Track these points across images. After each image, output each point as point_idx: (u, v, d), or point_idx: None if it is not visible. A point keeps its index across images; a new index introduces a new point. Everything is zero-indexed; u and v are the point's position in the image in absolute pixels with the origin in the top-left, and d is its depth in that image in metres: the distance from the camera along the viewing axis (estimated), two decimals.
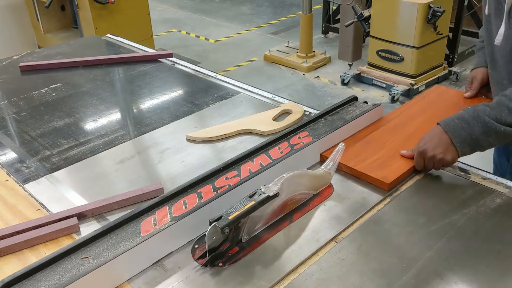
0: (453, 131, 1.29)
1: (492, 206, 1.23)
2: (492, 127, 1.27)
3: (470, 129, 1.28)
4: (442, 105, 1.69)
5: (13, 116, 1.84)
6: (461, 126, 1.29)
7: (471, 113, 1.30)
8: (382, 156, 1.43)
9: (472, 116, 1.29)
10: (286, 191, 1.19)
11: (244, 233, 1.14)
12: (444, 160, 1.30)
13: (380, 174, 1.34)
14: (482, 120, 1.27)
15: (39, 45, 5.03)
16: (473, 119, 1.28)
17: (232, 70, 5.33)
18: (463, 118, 1.30)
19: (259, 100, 1.91)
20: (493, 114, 1.28)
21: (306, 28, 5.16)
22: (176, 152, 1.57)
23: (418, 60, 4.43)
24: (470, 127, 1.28)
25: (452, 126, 1.30)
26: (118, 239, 1.10)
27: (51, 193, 1.39)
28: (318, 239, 1.16)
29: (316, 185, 1.31)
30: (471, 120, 1.28)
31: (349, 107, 1.65)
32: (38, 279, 1.01)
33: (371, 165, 1.39)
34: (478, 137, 1.28)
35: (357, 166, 1.39)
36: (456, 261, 1.07)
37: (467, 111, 1.31)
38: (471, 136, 1.28)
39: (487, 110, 1.29)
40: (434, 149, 1.31)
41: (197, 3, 7.71)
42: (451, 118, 1.32)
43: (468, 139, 1.28)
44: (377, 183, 1.33)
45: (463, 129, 1.28)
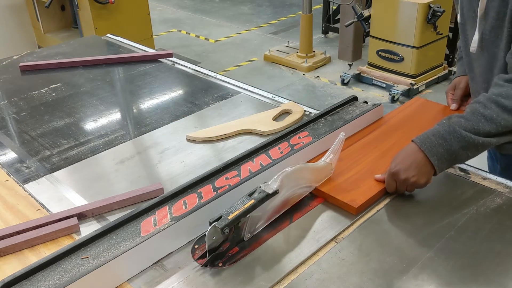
0: (429, 148, 1.22)
1: (492, 206, 1.23)
2: (470, 140, 1.20)
3: (447, 145, 1.21)
4: (421, 119, 1.60)
5: (13, 116, 1.84)
6: (438, 143, 1.21)
7: (447, 127, 1.22)
8: (354, 175, 1.34)
9: (447, 131, 1.22)
10: (286, 187, 1.19)
11: (246, 231, 1.14)
12: (417, 184, 1.23)
13: (348, 197, 1.25)
14: (458, 135, 1.20)
15: (39, 45, 5.03)
16: (449, 134, 1.21)
17: (232, 70, 5.33)
18: (439, 133, 1.22)
19: (259, 100, 1.91)
20: (469, 125, 1.21)
21: (306, 28, 5.16)
22: (176, 152, 1.57)
23: (418, 60, 4.43)
24: (447, 143, 1.21)
25: (428, 143, 1.22)
26: (118, 239, 1.10)
27: (51, 193, 1.39)
28: (318, 239, 1.16)
29: (318, 177, 1.31)
30: (447, 136, 1.21)
31: (349, 107, 1.66)
32: (38, 279, 1.01)
33: (340, 186, 1.30)
34: (456, 152, 1.21)
35: (323, 187, 1.29)
36: (456, 261, 1.07)
37: (442, 126, 1.24)
38: (449, 152, 1.21)
39: (462, 122, 1.22)
40: (406, 171, 1.22)
41: (197, 3, 7.71)
42: (426, 135, 1.24)
43: (446, 155, 1.21)
44: (344, 207, 1.24)
45: (440, 145, 1.21)
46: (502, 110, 1.21)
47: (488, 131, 1.21)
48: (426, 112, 1.65)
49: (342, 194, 1.26)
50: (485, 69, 1.41)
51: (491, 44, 1.36)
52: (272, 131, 1.62)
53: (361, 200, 1.23)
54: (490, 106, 1.22)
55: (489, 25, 1.34)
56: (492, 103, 1.22)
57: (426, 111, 1.66)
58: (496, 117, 1.21)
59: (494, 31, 1.33)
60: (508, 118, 1.20)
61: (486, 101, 1.24)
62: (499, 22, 1.30)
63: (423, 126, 1.45)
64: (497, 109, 1.21)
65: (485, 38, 1.36)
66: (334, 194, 1.27)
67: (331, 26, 5.86)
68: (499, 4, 1.28)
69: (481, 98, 1.26)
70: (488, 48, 1.37)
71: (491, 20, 1.32)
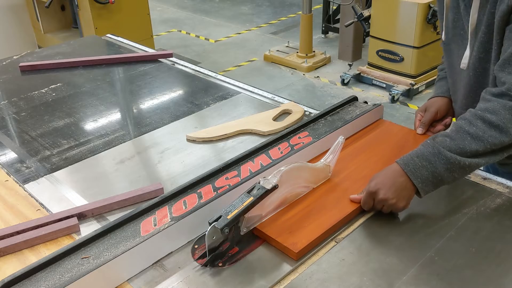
0: (412, 171, 1.16)
1: (492, 206, 1.23)
2: (455, 162, 1.13)
3: (432, 167, 1.14)
4: (383, 144, 1.47)
5: (13, 116, 1.84)
6: (422, 165, 1.15)
7: (431, 149, 1.16)
8: (300, 212, 1.21)
9: (432, 153, 1.15)
10: (285, 183, 1.20)
11: (243, 226, 1.14)
12: (395, 206, 1.17)
13: (289, 240, 1.12)
14: (443, 157, 1.14)
15: (39, 45, 5.03)
16: (433, 156, 1.15)
17: (232, 70, 5.33)
18: (423, 155, 1.16)
19: (259, 100, 1.91)
20: (454, 146, 1.14)
21: (306, 28, 5.16)
22: (176, 152, 1.57)
23: (418, 60, 4.43)
24: (432, 165, 1.14)
25: (412, 165, 1.16)
26: (118, 239, 1.10)
27: (51, 193, 1.39)
28: None
29: (316, 178, 1.31)
30: (431, 158, 1.15)
31: (349, 107, 1.66)
32: (38, 279, 1.01)
33: (283, 224, 1.17)
34: (442, 174, 1.15)
35: (264, 227, 1.16)
36: (456, 261, 1.07)
37: (426, 147, 1.17)
38: (433, 174, 1.15)
39: (447, 142, 1.15)
40: (386, 193, 1.16)
41: (197, 3, 7.71)
42: (410, 157, 1.18)
43: (431, 177, 1.15)
44: (285, 250, 1.11)
45: (424, 168, 1.15)
46: (488, 126, 1.13)
47: (475, 150, 1.13)
48: (391, 135, 1.52)
49: (283, 236, 1.13)
50: (475, 87, 1.34)
51: (480, 60, 1.29)
52: (272, 131, 1.62)
53: (303, 243, 1.10)
54: (475, 123, 1.15)
55: (478, 41, 1.28)
56: (478, 119, 1.15)
57: (391, 134, 1.53)
58: (482, 134, 1.13)
59: (483, 46, 1.27)
60: (495, 135, 1.13)
61: (472, 117, 1.17)
62: (488, 35, 1.24)
63: (384, 153, 1.41)
64: (484, 125, 1.14)
65: (473, 54, 1.31)
66: (275, 235, 1.14)
67: (331, 26, 5.86)
68: (488, 17, 1.23)
69: (467, 115, 1.19)
70: (477, 65, 1.31)
71: (480, 34, 1.26)
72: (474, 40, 1.30)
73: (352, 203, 1.23)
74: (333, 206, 1.23)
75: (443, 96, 1.53)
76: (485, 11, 1.24)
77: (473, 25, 1.28)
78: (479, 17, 1.26)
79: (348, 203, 1.23)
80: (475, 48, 1.30)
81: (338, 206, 1.22)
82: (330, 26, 5.89)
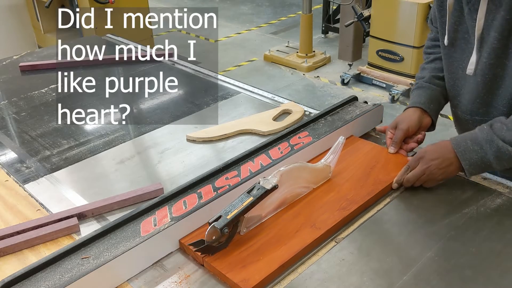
0: (463, 152, 1.22)
1: (492, 206, 1.23)
2: (506, 152, 1.18)
3: (482, 152, 1.20)
4: (355, 162, 1.40)
5: (13, 116, 1.84)
6: (473, 149, 1.21)
7: (485, 135, 1.20)
8: (259, 241, 1.12)
9: (485, 139, 1.20)
10: (285, 184, 1.19)
11: (243, 226, 1.14)
12: (434, 176, 1.25)
13: (240, 275, 1.03)
14: (495, 145, 1.18)
15: (39, 45, 5.02)
16: (486, 142, 1.19)
17: (232, 70, 5.33)
18: (476, 139, 1.21)
19: (259, 100, 1.91)
20: (509, 136, 1.18)
21: (306, 28, 5.16)
22: (176, 152, 1.57)
23: (418, 60, 4.42)
24: (483, 150, 1.20)
25: (463, 147, 1.22)
26: (118, 239, 1.10)
27: (51, 193, 1.39)
28: None
29: (316, 178, 1.31)
30: (484, 143, 1.20)
31: (349, 107, 1.65)
32: (38, 279, 1.01)
33: (237, 257, 1.08)
34: (491, 161, 1.20)
35: (214, 261, 1.07)
36: (456, 261, 1.07)
37: (481, 132, 1.22)
38: (483, 159, 1.20)
39: (504, 131, 1.19)
40: (433, 160, 1.24)
41: (197, 3, 7.71)
42: (464, 138, 1.23)
43: (479, 162, 1.21)
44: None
45: (475, 151, 1.20)
46: None
47: None
48: (360, 155, 1.43)
49: (234, 271, 1.04)
50: (483, 93, 1.33)
51: (491, 66, 1.28)
52: (272, 131, 1.62)
53: (256, 280, 1.01)
54: None
55: (489, 47, 1.26)
56: None
57: (360, 153, 1.44)
58: None
59: (495, 52, 1.25)
60: None
61: None
62: (503, 41, 1.23)
63: (355, 172, 1.34)
64: None
65: (483, 60, 1.29)
66: (225, 270, 1.04)
67: (331, 26, 5.86)
68: (502, 23, 1.21)
69: None
70: (486, 71, 1.29)
71: (492, 40, 1.24)
72: (480, 46, 1.28)
73: (314, 232, 1.14)
74: (293, 235, 1.13)
75: (418, 107, 1.45)
76: (494, 16, 1.22)
77: (479, 30, 1.26)
78: (487, 22, 1.24)
79: (310, 231, 1.14)
80: (485, 54, 1.28)
81: (300, 235, 1.13)
82: (330, 26, 5.89)
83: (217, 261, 1.07)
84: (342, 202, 1.23)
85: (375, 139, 1.57)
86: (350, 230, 1.18)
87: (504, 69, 1.26)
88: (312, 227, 1.15)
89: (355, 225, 1.20)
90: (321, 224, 1.16)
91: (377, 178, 1.32)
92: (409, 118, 1.44)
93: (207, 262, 1.08)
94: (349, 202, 1.23)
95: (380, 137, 1.58)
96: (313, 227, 1.15)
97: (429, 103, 1.45)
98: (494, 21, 1.23)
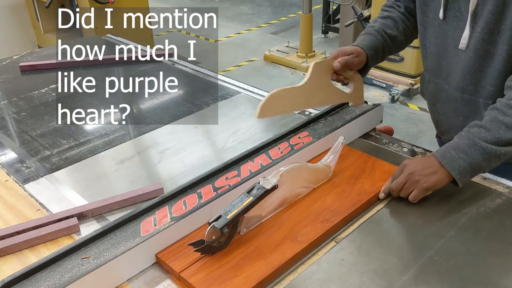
0: (450, 163, 1.20)
1: (492, 206, 1.23)
2: (491, 152, 1.18)
3: (469, 158, 1.19)
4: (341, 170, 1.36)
5: (13, 116, 1.85)
6: (459, 157, 1.19)
7: (466, 140, 1.20)
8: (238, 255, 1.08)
9: (468, 145, 1.20)
10: (285, 184, 1.19)
11: (243, 226, 1.14)
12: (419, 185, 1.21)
13: None
14: (479, 147, 1.18)
15: (39, 45, 5.02)
16: (469, 147, 1.19)
17: (232, 70, 5.33)
18: (459, 147, 1.20)
19: (259, 100, 1.90)
20: (489, 136, 1.18)
21: (306, 28, 5.16)
22: (176, 152, 1.57)
23: (418, 60, 4.42)
24: (469, 156, 1.19)
25: (449, 158, 1.20)
26: (118, 239, 1.10)
27: (51, 193, 1.39)
28: None
29: (316, 178, 1.31)
30: (467, 149, 1.19)
31: (349, 107, 1.65)
32: (38, 279, 1.01)
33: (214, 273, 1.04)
34: (479, 164, 1.20)
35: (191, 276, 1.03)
36: (456, 261, 1.07)
37: (461, 139, 1.22)
38: (471, 165, 1.19)
39: (483, 132, 1.19)
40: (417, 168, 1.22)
41: (197, 3, 7.71)
42: (447, 149, 1.22)
43: (469, 168, 1.20)
44: None
45: (461, 159, 1.19)
46: None
47: (510, 138, 1.18)
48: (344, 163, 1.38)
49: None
50: (474, 69, 1.33)
51: (483, 42, 1.28)
52: None
53: None
54: (509, 113, 1.18)
55: (483, 21, 1.26)
56: (510, 109, 1.19)
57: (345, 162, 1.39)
58: None
59: (488, 27, 1.25)
60: None
61: (504, 107, 1.20)
62: (496, 16, 1.23)
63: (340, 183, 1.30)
64: None
65: (476, 35, 1.29)
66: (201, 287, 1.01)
67: (331, 26, 5.86)
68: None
69: (498, 105, 1.22)
70: (478, 46, 1.29)
71: (486, 14, 1.24)
72: (474, 20, 1.29)
73: (295, 246, 1.10)
74: (274, 249, 1.09)
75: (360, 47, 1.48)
76: None
77: (473, 5, 1.26)
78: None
79: (291, 245, 1.10)
80: (478, 29, 1.28)
81: (280, 249, 1.09)
82: (330, 26, 5.89)
83: (193, 277, 1.03)
84: (326, 214, 1.19)
85: (375, 139, 1.57)
86: (350, 230, 1.18)
87: (495, 46, 1.27)
88: (293, 241, 1.11)
89: (355, 225, 1.20)
90: (303, 238, 1.12)
91: (362, 189, 1.28)
92: (355, 48, 1.47)
93: (183, 278, 1.04)
94: (332, 214, 1.19)
95: (380, 137, 1.58)
96: (294, 240, 1.11)
97: (371, 49, 1.49)
98: None
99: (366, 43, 1.50)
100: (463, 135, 1.23)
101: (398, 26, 1.55)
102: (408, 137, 3.91)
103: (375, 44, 1.50)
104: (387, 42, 1.53)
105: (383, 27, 1.54)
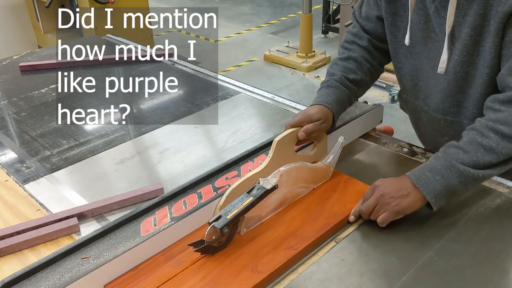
0: (425, 186, 1.13)
1: (492, 206, 1.23)
2: (469, 175, 1.12)
3: (445, 181, 1.12)
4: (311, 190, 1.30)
5: (13, 116, 1.85)
6: (434, 179, 1.13)
7: (443, 162, 1.14)
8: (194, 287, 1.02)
9: (444, 166, 1.13)
10: (285, 184, 1.19)
11: (243, 226, 1.14)
12: (390, 207, 1.14)
13: None
14: (456, 170, 1.12)
15: (39, 45, 5.02)
16: (446, 169, 1.13)
17: (232, 70, 5.33)
18: (435, 169, 1.14)
19: (259, 100, 1.91)
20: (467, 158, 1.12)
21: (306, 28, 5.16)
22: (176, 152, 1.57)
23: None
24: (445, 179, 1.12)
25: (424, 180, 1.13)
26: (118, 239, 1.10)
27: (51, 193, 1.39)
28: None
29: (316, 178, 1.31)
30: (444, 171, 1.13)
31: (349, 107, 1.65)
32: (38, 279, 1.01)
33: None
34: (455, 187, 1.13)
35: None
36: (456, 261, 1.07)
37: (438, 160, 1.15)
38: (447, 188, 1.13)
39: (460, 154, 1.13)
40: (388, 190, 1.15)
41: (197, 3, 7.71)
42: (422, 171, 1.15)
43: (444, 191, 1.13)
44: None
45: (437, 182, 1.12)
46: (501, 138, 1.12)
47: (488, 161, 1.12)
48: None
49: None
50: (454, 91, 1.30)
51: (462, 64, 1.24)
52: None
53: None
54: (488, 135, 1.13)
55: (461, 43, 1.22)
56: (490, 131, 1.13)
57: None
58: (496, 146, 1.11)
59: (467, 49, 1.21)
60: (509, 146, 1.11)
61: (484, 129, 1.14)
62: (475, 37, 1.19)
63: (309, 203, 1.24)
64: (496, 137, 1.12)
65: (454, 58, 1.25)
66: None
67: (331, 26, 5.85)
68: (476, 18, 1.16)
69: (477, 125, 1.16)
70: (458, 68, 1.26)
71: (464, 36, 1.20)
72: (451, 43, 1.24)
73: (254, 276, 1.03)
74: (232, 280, 1.03)
75: (325, 106, 1.35)
76: (466, 12, 1.18)
77: (450, 27, 1.22)
78: (458, 19, 1.20)
79: (250, 276, 1.04)
80: (457, 52, 1.24)
81: (238, 280, 1.03)
82: (330, 26, 5.89)
83: None
84: (290, 240, 1.12)
85: (375, 139, 1.57)
86: (350, 230, 1.18)
87: (475, 68, 1.23)
88: (252, 271, 1.04)
89: (355, 225, 1.20)
90: (263, 267, 1.05)
91: (332, 211, 1.20)
92: (321, 111, 1.34)
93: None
94: (297, 240, 1.12)
95: (380, 137, 1.58)
96: (253, 270, 1.04)
97: (336, 104, 1.37)
98: (466, 16, 1.19)
99: (331, 99, 1.37)
100: (439, 156, 1.17)
101: (362, 68, 1.44)
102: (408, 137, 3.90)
103: (339, 97, 1.39)
104: (352, 89, 1.42)
105: (345, 73, 1.41)
